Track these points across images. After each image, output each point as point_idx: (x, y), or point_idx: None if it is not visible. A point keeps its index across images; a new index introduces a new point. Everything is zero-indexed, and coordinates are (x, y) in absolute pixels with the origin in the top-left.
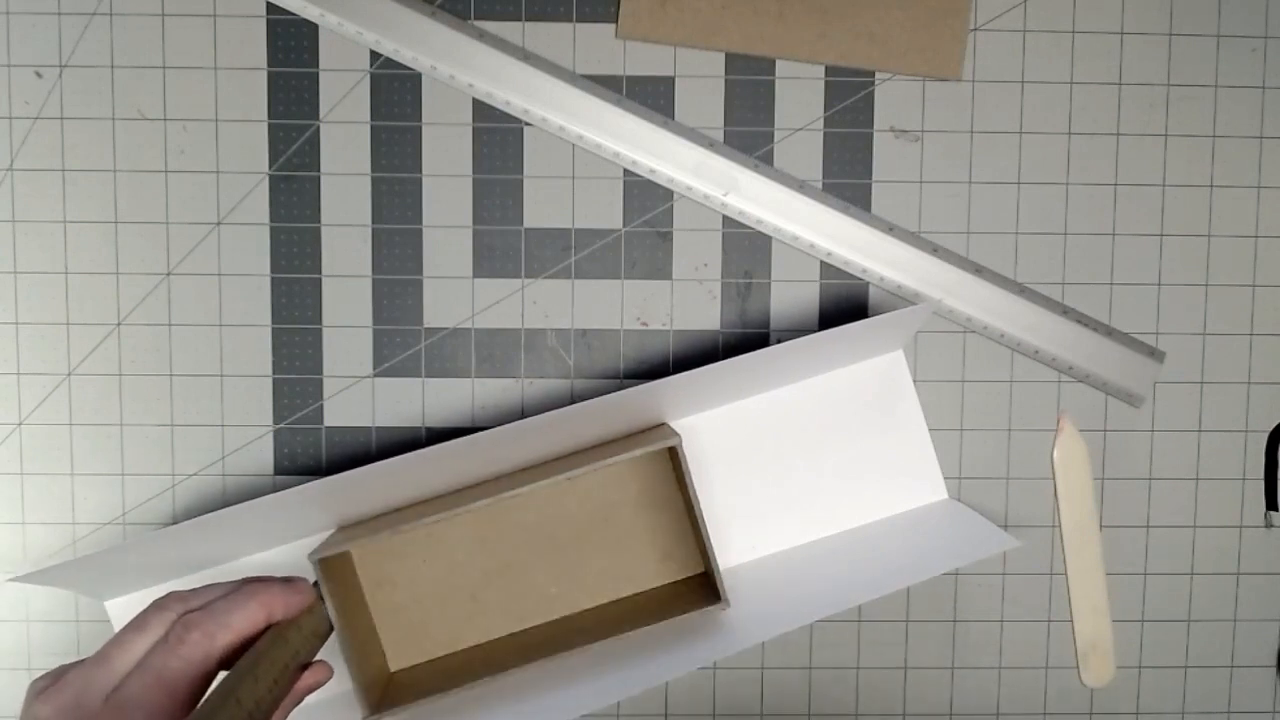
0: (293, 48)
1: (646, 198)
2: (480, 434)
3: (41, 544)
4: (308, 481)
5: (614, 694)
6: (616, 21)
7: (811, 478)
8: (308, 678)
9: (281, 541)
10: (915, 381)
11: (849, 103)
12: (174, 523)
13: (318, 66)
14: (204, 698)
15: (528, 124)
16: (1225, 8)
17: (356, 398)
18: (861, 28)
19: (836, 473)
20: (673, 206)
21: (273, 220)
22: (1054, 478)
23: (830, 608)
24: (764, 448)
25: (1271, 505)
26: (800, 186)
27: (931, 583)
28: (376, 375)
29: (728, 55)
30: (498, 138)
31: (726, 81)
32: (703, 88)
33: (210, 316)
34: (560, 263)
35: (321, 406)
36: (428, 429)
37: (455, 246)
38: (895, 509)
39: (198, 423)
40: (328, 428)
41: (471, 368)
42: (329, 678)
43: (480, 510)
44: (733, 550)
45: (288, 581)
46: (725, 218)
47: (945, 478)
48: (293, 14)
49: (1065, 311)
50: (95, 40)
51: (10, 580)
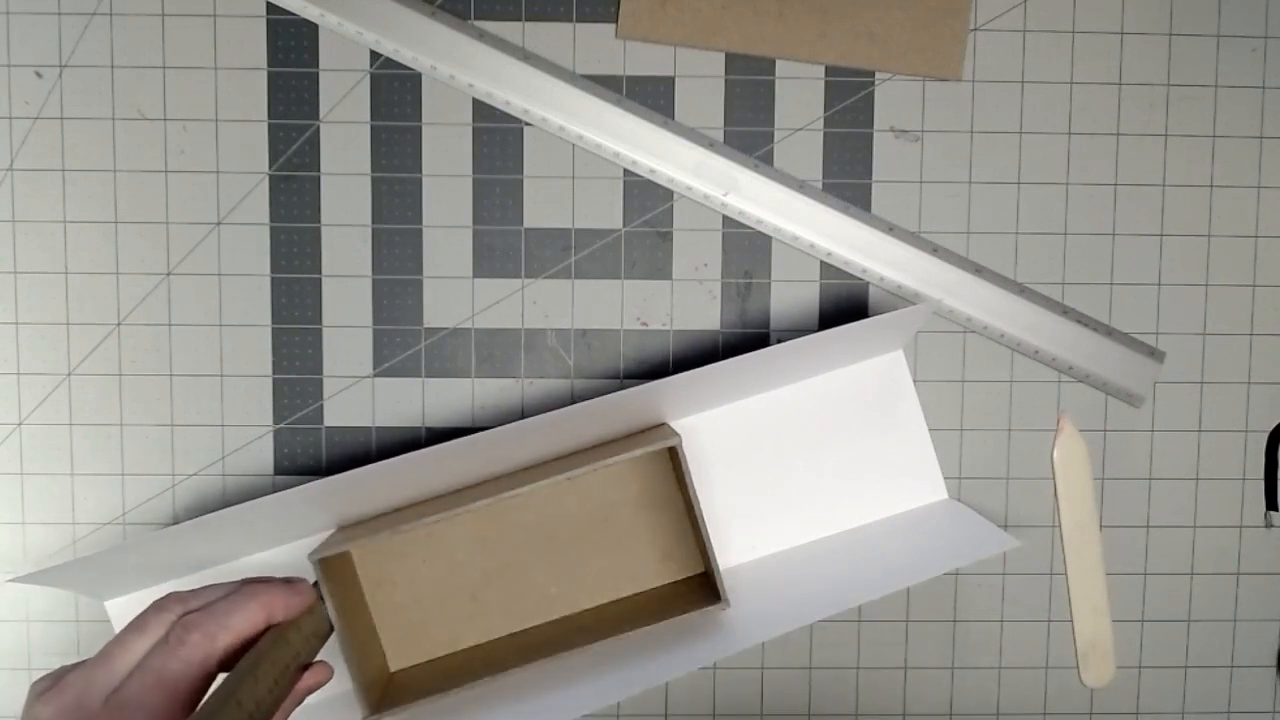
0: (293, 48)
1: (646, 198)
2: (480, 434)
3: (41, 544)
4: (308, 481)
5: (614, 694)
6: (616, 21)
7: (811, 478)
8: (308, 678)
9: (281, 541)
10: (915, 381)
11: (849, 103)
12: (174, 523)
13: (318, 66)
14: (204, 699)
15: (528, 124)
16: (1225, 8)
17: (356, 398)
18: (861, 28)
19: (836, 473)
20: (673, 206)
21: (273, 220)
22: (1054, 478)
23: (830, 608)
24: (764, 448)
25: (1271, 505)
26: (800, 186)
27: (931, 583)
28: (376, 375)
29: (728, 55)
30: (498, 138)
31: (726, 81)
32: (703, 88)
33: (210, 316)
34: (560, 263)
35: (321, 406)
36: (428, 429)
37: (455, 246)
38: (895, 509)
39: (198, 423)
40: (328, 428)
41: (471, 368)
42: (329, 678)
43: (480, 510)
44: (733, 550)
45: (288, 582)
46: (725, 218)
47: (945, 478)
48: (293, 14)
49: (1065, 311)
50: (95, 40)
51: (10, 580)
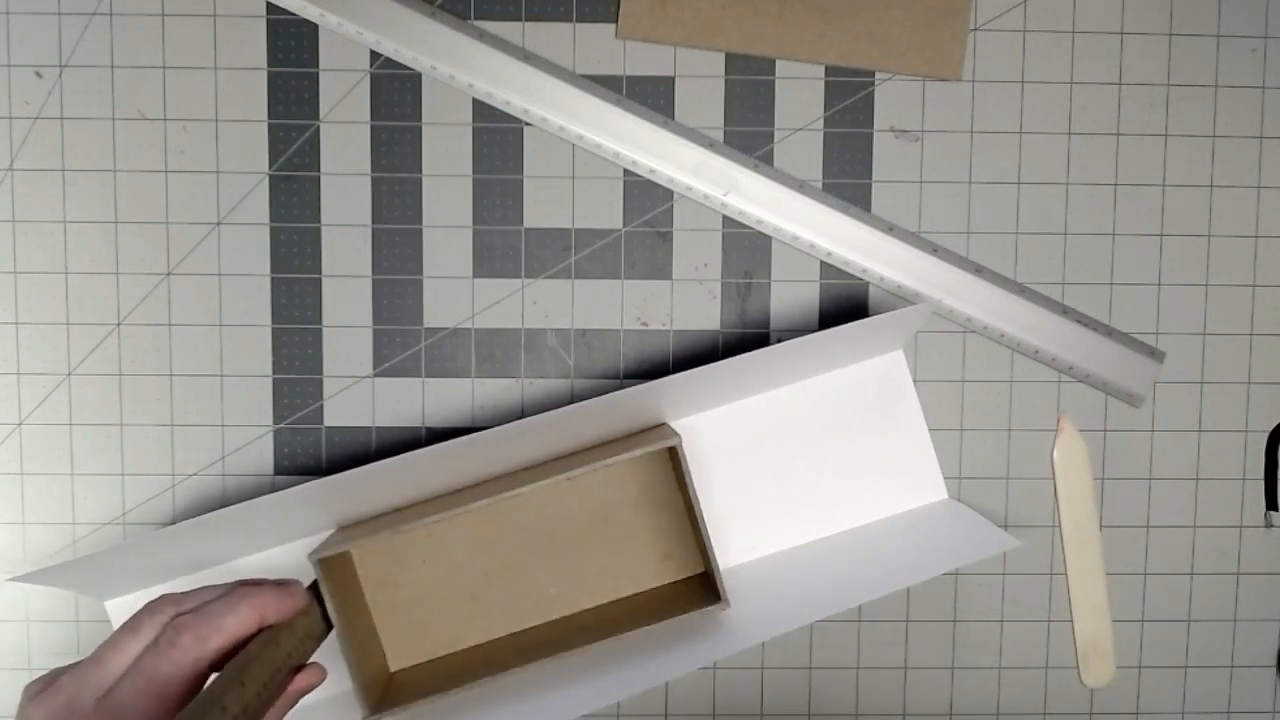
0: (293, 48)
1: (646, 198)
2: (480, 434)
3: (41, 544)
4: (308, 481)
5: (614, 694)
6: (616, 21)
7: (811, 478)
8: (301, 680)
9: (281, 541)
10: (915, 381)
11: (849, 103)
12: (174, 523)
13: (318, 66)
14: (189, 704)
15: (528, 124)
16: (1225, 8)
17: (356, 398)
18: (861, 28)
19: (836, 473)
20: (673, 206)
21: (273, 220)
22: (1054, 478)
23: (830, 608)
24: (764, 448)
25: (1271, 505)
26: (800, 186)
27: (931, 583)
28: (376, 375)
29: (728, 55)
30: (498, 138)
31: (726, 81)
32: (703, 88)
33: (210, 316)
34: (560, 263)
35: (321, 406)
36: (428, 429)
37: (455, 246)
38: (895, 509)
39: (198, 423)
40: (328, 428)
41: (471, 368)
42: (322, 679)
43: (480, 510)
44: (733, 550)
45: (281, 584)
46: (725, 218)
47: (945, 478)
48: (293, 14)
49: (1065, 311)
50: (95, 40)
51: (10, 580)
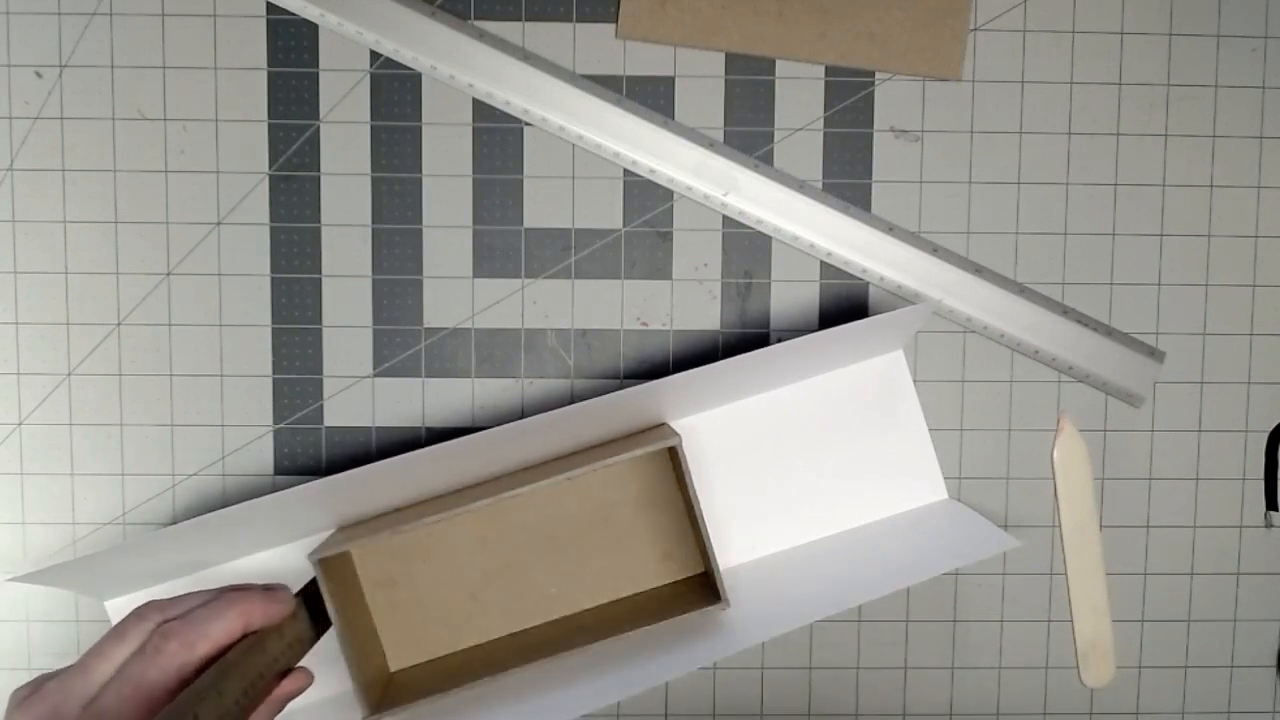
0: (293, 48)
1: (646, 198)
2: (480, 434)
3: (41, 544)
4: (308, 481)
5: (614, 694)
6: (616, 21)
7: (811, 478)
8: (288, 684)
9: (281, 541)
10: (915, 381)
11: (849, 103)
12: (174, 523)
13: (318, 66)
14: (161, 712)
15: (528, 124)
16: (1225, 8)
17: (356, 398)
18: (861, 28)
19: (836, 473)
20: (673, 206)
21: (273, 220)
22: (1054, 478)
23: (830, 608)
24: (764, 448)
25: (1271, 505)
26: (800, 186)
27: (931, 583)
28: (376, 375)
29: (728, 55)
30: (498, 138)
31: (726, 81)
32: (703, 88)
33: (210, 316)
34: (560, 263)
35: (321, 406)
36: (428, 429)
37: (455, 246)
38: (895, 509)
39: (198, 423)
40: (328, 428)
41: (471, 368)
42: (309, 684)
43: (480, 510)
44: (733, 550)
45: (268, 590)
46: (725, 218)
47: (945, 478)
48: (293, 14)
49: (1065, 311)
50: (95, 40)
51: (10, 580)
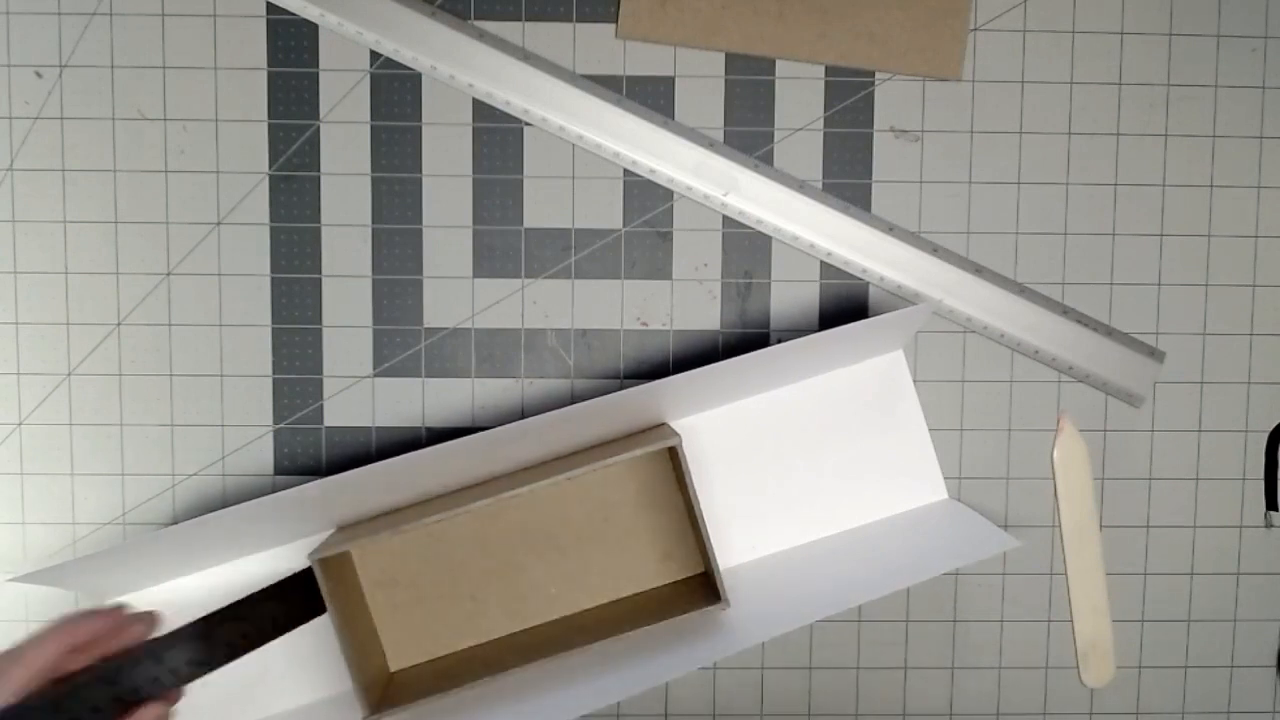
0: (293, 48)
1: (646, 198)
2: (480, 434)
3: (41, 544)
4: (308, 481)
5: (614, 694)
6: (616, 21)
7: (811, 478)
8: (147, 711)
9: (281, 542)
10: (915, 381)
11: (849, 103)
12: (174, 523)
13: (318, 66)
14: None
15: (528, 124)
16: (1225, 8)
17: (356, 398)
18: (861, 28)
19: (836, 473)
20: (673, 206)
21: (273, 220)
22: (1054, 478)
23: (830, 608)
24: (764, 448)
25: (1271, 505)
26: (800, 186)
27: (931, 583)
28: (376, 375)
29: (728, 55)
30: (498, 138)
31: (726, 81)
32: (703, 88)
33: (210, 316)
34: (560, 263)
35: (321, 406)
36: (428, 429)
37: (455, 246)
38: (895, 509)
39: (198, 423)
40: (328, 428)
41: (471, 368)
42: (176, 702)
43: (480, 510)
44: (733, 550)
45: (113, 611)
46: (725, 218)
47: (945, 478)
48: (293, 14)
49: (1065, 311)
50: (95, 40)
51: (10, 580)
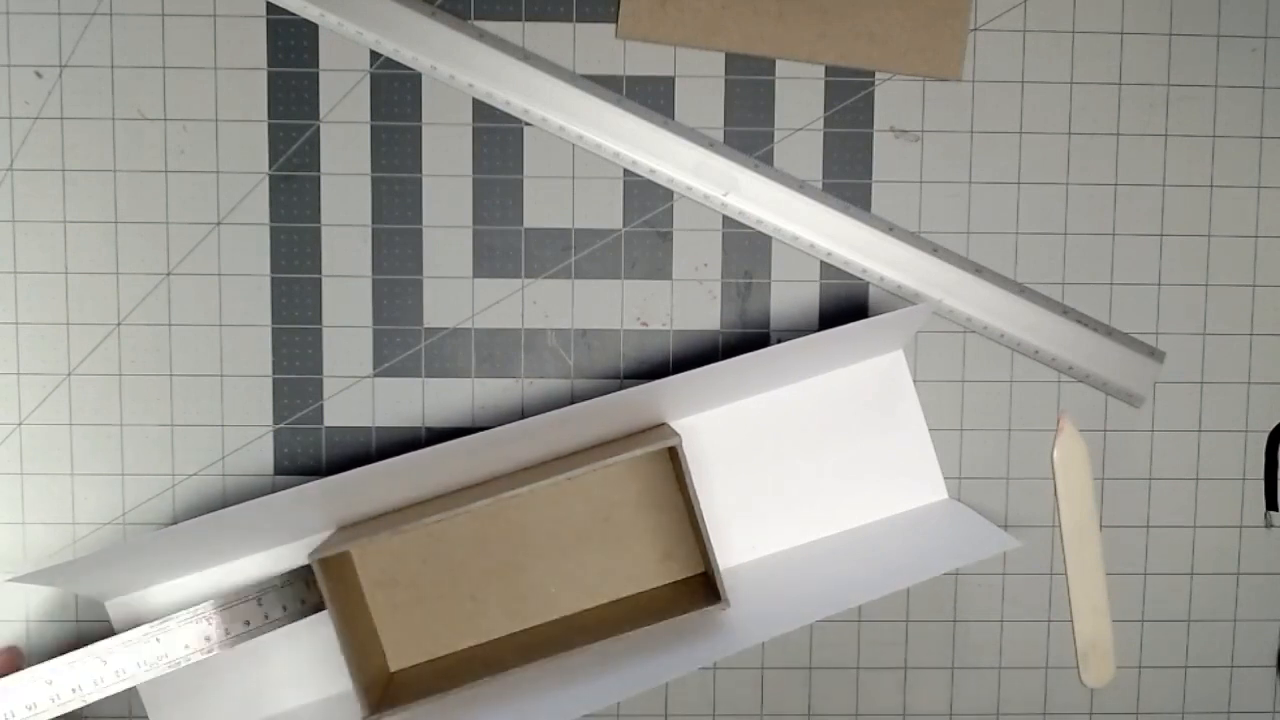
0: (293, 48)
1: (646, 198)
2: (480, 434)
3: (41, 544)
4: (308, 481)
5: (614, 694)
6: (616, 21)
7: (811, 478)
8: None
9: (281, 542)
10: (915, 381)
11: (849, 103)
12: (174, 523)
13: (318, 66)
14: None
15: (528, 124)
16: (1225, 8)
17: (356, 398)
18: (861, 28)
19: (836, 473)
20: (673, 206)
21: (273, 220)
22: (1054, 478)
23: (830, 608)
24: (764, 448)
25: (1271, 505)
26: (800, 186)
27: (931, 583)
28: (376, 375)
29: (728, 55)
30: (498, 138)
31: (726, 81)
32: (703, 88)
33: (210, 316)
34: (560, 263)
35: (321, 406)
36: (428, 429)
37: (455, 246)
38: (895, 509)
39: (198, 423)
40: (328, 428)
41: (471, 368)
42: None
43: (480, 510)
44: (733, 550)
45: None
46: (725, 218)
47: (945, 478)
48: (293, 14)
49: (1065, 311)
50: (95, 40)
51: (10, 580)
